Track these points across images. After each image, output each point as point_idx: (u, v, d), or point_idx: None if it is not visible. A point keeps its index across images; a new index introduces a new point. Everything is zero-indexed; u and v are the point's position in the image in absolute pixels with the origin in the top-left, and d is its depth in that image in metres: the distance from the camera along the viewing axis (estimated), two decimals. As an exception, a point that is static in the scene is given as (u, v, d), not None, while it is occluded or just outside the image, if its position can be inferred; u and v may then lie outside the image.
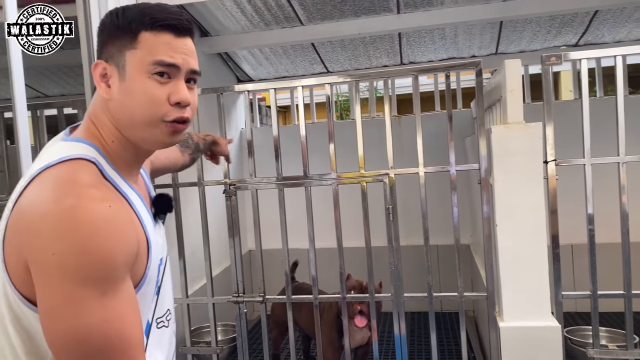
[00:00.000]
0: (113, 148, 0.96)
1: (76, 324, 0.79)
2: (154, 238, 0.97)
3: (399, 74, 2.74)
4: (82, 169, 0.88)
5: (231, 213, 2.42)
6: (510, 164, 2.10)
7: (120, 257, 0.83)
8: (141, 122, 0.93)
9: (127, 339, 0.83)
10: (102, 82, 0.94)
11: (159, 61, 0.91)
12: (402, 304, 2.31)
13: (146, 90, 0.91)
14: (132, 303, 0.86)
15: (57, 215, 0.80)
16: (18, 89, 1.79)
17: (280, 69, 4.11)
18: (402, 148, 3.47)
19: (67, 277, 0.79)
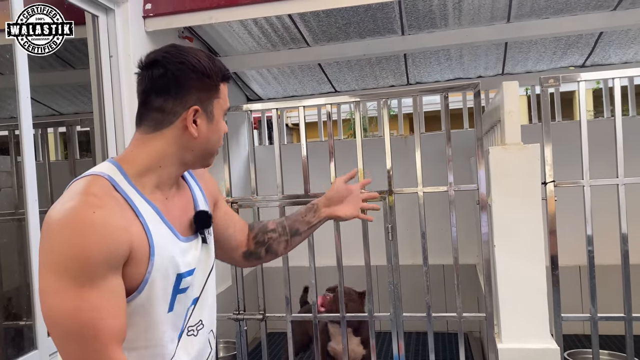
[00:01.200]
0: (154, 170, 1.11)
1: (55, 309, 0.96)
2: (164, 247, 1.07)
3: (399, 94, 2.78)
4: (94, 182, 1.03)
5: (233, 230, 2.45)
6: (508, 185, 2.10)
7: (97, 255, 0.96)
8: (212, 152, 1.18)
9: (100, 328, 0.95)
10: (192, 124, 1.12)
11: (229, 107, 1.21)
12: (402, 323, 2.31)
13: (222, 130, 1.18)
14: (112, 298, 0.98)
15: (57, 216, 0.98)
16: (24, 107, 1.85)
17: (289, 88, 4.18)
18: (409, 167, 3.48)
19: (52, 268, 0.96)
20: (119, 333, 0.98)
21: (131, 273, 1.02)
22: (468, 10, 2.94)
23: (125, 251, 1.00)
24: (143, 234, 1.04)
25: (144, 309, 1.05)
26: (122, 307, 1.00)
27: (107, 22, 2.48)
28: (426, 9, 2.92)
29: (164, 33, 2.78)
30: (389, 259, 2.29)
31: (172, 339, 1.13)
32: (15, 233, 2.34)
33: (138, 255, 1.02)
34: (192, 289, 1.17)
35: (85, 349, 0.95)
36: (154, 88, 1.11)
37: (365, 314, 2.37)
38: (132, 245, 1.01)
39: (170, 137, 1.11)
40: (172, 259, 1.10)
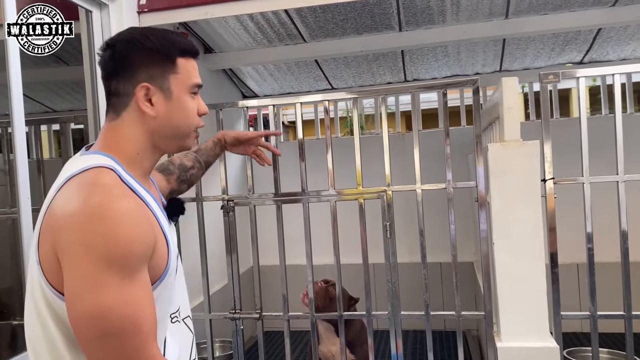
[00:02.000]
0: (133, 158, 1.08)
1: (97, 304, 0.89)
2: (171, 236, 1.09)
3: (397, 91, 2.76)
4: (102, 174, 1.00)
5: (229, 229, 2.43)
6: (507, 182, 2.08)
7: (138, 247, 0.94)
8: (182, 133, 1.13)
9: (140, 324, 0.92)
10: (146, 102, 1.07)
11: (196, 84, 1.13)
12: (400, 322, 2.28)
13: (189, 107, 1.12)
14: (147, 292, 0.96)
15: (85, 211, 0.92)
16: (16, 104, 1.82)
17: (285, 85, 4.15)
18: (407, 164, 3.45)
19: (92, 262, 0.90)
20: (155, 327, 0.97)
21: (154, 264, 1.00)
22: (466, 6, 2.92)
23: (153, 242, 0.99)
24: (157, 224, 1.03)
25: (161, 298, 1.04)
26: (153, 300, 0.98)
27: (102, 17, 2.45)
28: (424, 4, 2.90)
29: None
30: (387, 256, 2.27)
31: (164, 326, 1.12)
32: (8, 232, 2.31)
33: (160, 246, 1.02)
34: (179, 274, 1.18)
35: (124, 347, 0.91)
36: (106, 71, 1.10)
37: (362, 313, 2.35)
38: (156, 236, 1.01)
39: (130, 121, 1.08)
40: (174, 245, 1.10)
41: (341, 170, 2.40)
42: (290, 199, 2.38)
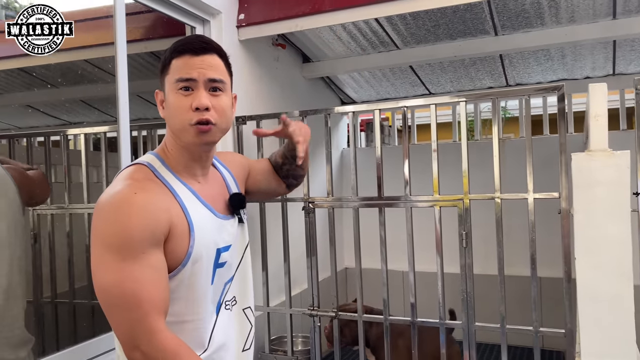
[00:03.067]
0: (173, 154, 1.23)
1: (102, 280, 1.07)
2: (203, 225, 1.19)
3: (477, 97, 2.66)
4: (136, 170, 1.19)
5: (309, 229, 2.55)
6: (593, 195, 1.96)
7: (138, 232, 1.07)
8: (178, 129, 1.19)
9: (140, 299, 1.05)
10: (160, 106, 1.25)
11: (178, 78, 1.16)
12: (474, 333, 2.24)
13: (174, 103, 1.17)
14: (152, 272, 1.08)
15: (103, 201, 1.12)
16: (122, 110, 2.09)
17: (382, 91, 4.20)
18: (506, 172, 3.33)
19: (99, 244, 1.09)
20: (160, 304, 1.09)
21: (174, 249, 1.13)
22: (566, 7, 2.76)
23: (165, 228, 1.11)
24: (181, 213, 1.16)
25: (189, 282, 1.16)
26: (163, 281, 1.11)
27: (204, 32, 2.70)
28: (518, 8, 2.79)
29: (257, 41, 2.95)
30: (463, 266, 2.24)
31: (212, 313, 1.24)
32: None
33: (178, 232, 1.14)
34: (229, 265, 1.28)
35: (128, 317, 1.06)
36: None
37: (435, 320, 2.33)
38: (171, 223, 1.13)
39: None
40: (211, 235, 1.21)
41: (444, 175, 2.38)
42: (368, 203, 2.44)
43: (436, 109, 2.30)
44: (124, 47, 2.10)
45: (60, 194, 2.41)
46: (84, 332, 2.28)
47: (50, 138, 2.57)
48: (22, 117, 2.91)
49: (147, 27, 2.75)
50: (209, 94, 1.18)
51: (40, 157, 2.50)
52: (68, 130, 2.81)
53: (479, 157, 3.08)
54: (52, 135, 2.62)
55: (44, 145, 2.52)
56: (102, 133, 2.60)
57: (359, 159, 2.59)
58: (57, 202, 2.41)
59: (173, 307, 1.15)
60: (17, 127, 2.88)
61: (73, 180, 2.51)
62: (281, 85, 3.24)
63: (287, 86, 3.33)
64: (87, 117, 3.07)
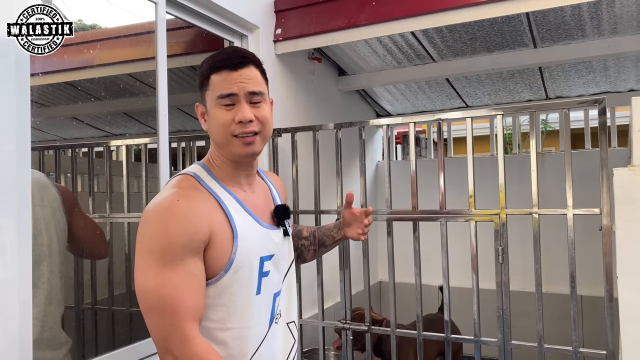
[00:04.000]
0: (218, 164, 1.28)
1: (143, 284, 1.11)
2: (246, 233, 1.21)
3: (513, 111, 2.61)
4: (182, 179, 1.22)
5: (343, 242, 2.54)
6: (636, 211, 1.89)
7: (177, 239, 1.10)
8: (221, 141, 1.24)
9: (177, 305, 1.09)
10: (202, 119, 1.28)
11: (219, 95, 1.21)
12: (510, 351, 2.18)
13: (218, 118, 1.22)
14: (190, 279, 1.12)
15: (149, 208, 1.15)
16: (162, 122, 2.16)
17: (417, 104, 4.18)
18: (546, 187, 3.25)
19: (141, 249, 1.12)
20: (195, 311, 1.11)
21: (216, 255, 1.16)
22: (608, 19, 2.69)
23: (205, 236, 1.14)
24: (225, 220, 1.19)
25: (231, 289, 1.19)
26: (200, 288, 1.14)
27: (242, 46, 2.76)
28: (558, 20, 2.74)
29: (293, 55, 3.00)
30: (498, 282, 2.19)
31: (262, 323, 1.26)
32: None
33: (220, 239, 1.16)
34: (274, 275, 1.29)
35: (164, 322, 1.09)
36: None
37: (470, 337, 2.28)
38: (212, 230, 1.16)
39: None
40: (255, 243, 1.23)
41: (481, 189, 2.35)
42: (400, 216, 2.43)
43: (472, 122, 2.27)
44: (164, 61, 2.16)
45: (102, 203, 2.49)
46: (121, 338, 2.34)
47: (93, 149, 2.67)
48: (67, 128, 3.03)
49: (187, 42, 2.83)
50: (250, 106, 1.22)
51: (84, 168, 2.60)
52: (110, 142, 2.91)
53: (517, 171, 3.03)
54: (95, 147, 2.72)
55: (87, 156, 2.62)
56: (143, 144, 2.68)
57: (394, 172, 2.58)
58: (98, 210, 2.50)
59: (216, 314, 1.18)
60: (62, 138, 2.99)
61: (114, 190, 2.60)
62: (316, 98, 3.27)
63: (322, 99, 3.36)
64: (129, 129, 3.17)
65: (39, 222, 1.70)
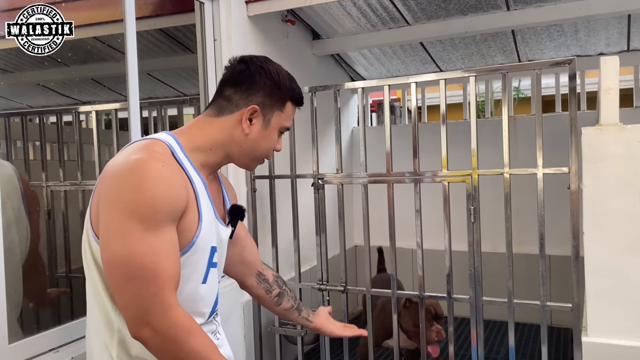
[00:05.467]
0: (202, 149, 1.23)
1: (121, 250, 1.03)
2: (207, 218, 1.18)
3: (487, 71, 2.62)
4: (155, 143, 1.15)
5: (319, 206, 2.56)
6: (603, 169, 1.95)
7: (162, 204, 1.05)
8: (257, 156, 1.30)
9: (158, 272, 1.04)
10: (247, 120, 1.24)
11: (288, 127, 1.32)
12: (481, 307, 2.26)
13: (274, 141, 1.31)
14: (170, 247, 1.07)
15: (124, 166, 1.07)
16: (132, 89, 2.10)
17: (392, 69, 4.17)
18: (518, 151, 3.30)
19: (120, 211, 1.04)
20: (175, 280, 1.07)
21: (182, 232, 1.11)
22: (580, -20, 2.71)
23: (183, 207, 1.11)
24: (194, 199, 1.15)
25: (183, 271, 1.13)
26: (178, 257, 1.09)
27: (212, 8, 2.69)
28: (531, -19, 2.75)
29: (265, 17, 2.94)
30: (470, 241, 2.24)
31: (202, 314, 1.23)
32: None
33: (190, 217, 1.13)
34: (218, 270, 1.28)
35: (143, 290, 1.03)
36: (231, 79, 1.25)
37: (443, 295, 2.35)
38: (187, 205, 1.12)
39: (225, 125, 1.23)
40: (212, 231, 1.20)
41: (454, 153, 2.37)
42: (376, 179, 2.45)
43: (446, 84, 2.28)
44: (133, 24, 2.10)
45: (73, 171, 2.45)
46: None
47: (62, 116, 2.60)
48: (34, 95, 2.93)
49: (155, 4, 2.75)
50: None
51: (53, 135, 2.54)
52: (80, 107, 2.84)
53: (490, 136, 3.07)
54: (64, 113, 2.65)
55: (56, 124, 2.55)
56: (114, 111, 2.62)
57: (369, 138, 2.59)
58: (69, 179, 2.46)
59: None
60: (29, 106, 2.90)
61: (85, 159, 2.55)
62: (291, 62, 3.23)
63: (297, 64, 3.32)
64: (99, 96, 3.09)
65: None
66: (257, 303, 2.71)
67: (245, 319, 2.65)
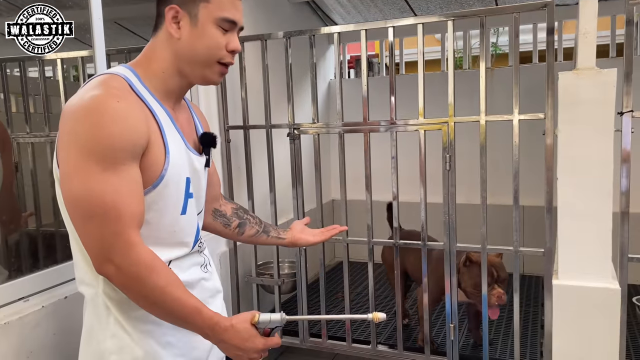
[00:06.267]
0: (158, 75, 1.17)
1: (80, 188, 1.02)
2: (176, 150, 1.16)
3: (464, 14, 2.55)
4: (112, 79, 1.10)
5: (295, 157, 2.53)
6: (577, 114, 1.94)
7: (121, 141, 1.03)
8: (202, 61, 1.16)
9: (120, 211, 1.03)
10: (174, 24, 1.15)
11: (227, 18, 1.16)
12: (454, 254, 2.29)
13: (213, 37, 1.15)
14: (133, 184, 1.06)
15: (80, 104, 1.05)
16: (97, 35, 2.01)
17: (370, 17, 4.06)
18: (494, 101, 3.28)
19: (78, 150, 1.02)
20: (138, 217, 1.06)
21: (148, 167, 1.09)
22: None
23: (144, 142, 1.07)
24: (159, 132, 1.11)
25: (157, 206, 1.13)
26: (141, 194, 1.08)
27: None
28: None
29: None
30: (446, 187, 2.25)
31: (186, 244, 1.22)
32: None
33: (154, 151, 1.10)
34: (196, 199, 1.25)
35: (106, 230, 1.02)
36: None
37: (418, 242, 2.37)
38: (149, 139, 1.09)
39: (161, 40, 1.17)
40: (183, 162, 1.17)
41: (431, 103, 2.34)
42: (352, 128, 2.42)
43: (424, 29, 2.23)
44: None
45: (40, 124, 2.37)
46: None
47: (26, 66, 2.48)
48: (-4, 44, 2.79)
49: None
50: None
51: (17, 87, 2.43)
52: (45, 56, 2.71)
53: (467, 88, 3.01)
54: (27, 62, 2.53)
55: (20, 74, 2.44)
56: (80, 59, 2.51)
57: (347, 90, 2.54)
58: (35, 130, 2.37)
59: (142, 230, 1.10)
60: (-8, 54, 2.76)
61: (53, 112, 2.45)
62: (264, 8, 3.11)
63: (270, 10, 3.21)
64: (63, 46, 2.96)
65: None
66: (233, 253, 2.71)
67: (222, 270, 2.65)
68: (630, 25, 1.93)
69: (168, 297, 1.06)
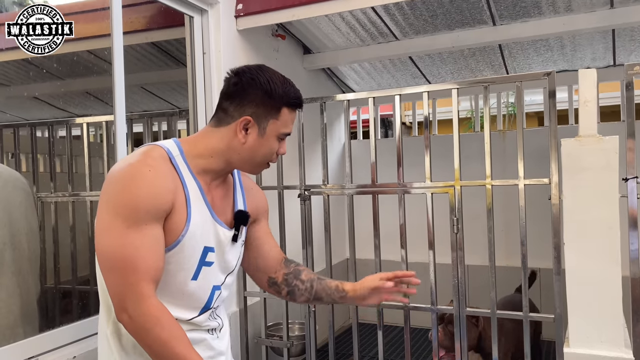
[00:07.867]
0: (204, 156, 1.31)
1: (107, 243, 1.17)
2: (199, 221, 1.26)
3: (470, 84, 2.66)
4: (153, 149, 1.26)
5: (305, 218, 2.58)
6: (582, 180, 1.97)
7: (144, 204, 1.16)
8: (257, 163, 1.35)
9: (137, 264, 1.15)
10: (243, 131, 1.30)
11: (286, 133, 1.34)
12: (464, 317, 2.26)
13: (272, 147, 1.33)
14: (152, 242, 1.17)
15: (118, 169, 1.21)
16: (119, 100, 2.14)
17: (383, 83, 4.21)
18: (507, 163, 3.32)
19: (109, 209, 1.18)
20: (153, 272, 1.17)
21: (168, 230, 1.21)
22: (562, -4, 2.76)
23: (168, 208, 1.20)
24: (184, 202, 1.23)
25: (170, 266, 1.23)
26: (161, 251, 1.19)
27: (202, 22, 2.74)
28: (515, -4, 2.80)
29: (255, 31, 2.98)
30: (454, 249, 2.26)
31: (192, 308, 1.30)
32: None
33: (176, 217, 1.21)
34: (216, 268, 1.32)
35: (124, 280, 1.15)
36: (226, 92, 1.33)
37: (428, 306, 2.35)
38: (174, 206, 1.21)
39: (224, 135, 1.30)
40: (203, 231, 1.27)
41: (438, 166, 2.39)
42: (361, 190, 2.47)
43: (429, 97, 2.32)
44: (120, 37, 2.13)
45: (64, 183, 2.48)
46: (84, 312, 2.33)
47: (54, 128, 2.63)
48: (29, 109, 2.96)
49: (146, 18, 2.79)
50: None
51: (44, 148, 2.57)
52: (71, 120, 2.87)
53: (479, 150, 3.07)
54: (55, 125, 2.68)
55: (48, 136, 2.58)
56: (104, 123, 2.65)
57: (360, 152, 2.62)
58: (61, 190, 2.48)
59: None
60: (24, 119, 2.93)
61: (78, 171, 2.57)
62: (281, 75, 3.26)
63: (287, 76, 3.34)
64: (94, 109, 3.12)
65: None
66: (244, 314, 2.72)
67: (232, 330, 2.65)
68: (630, 90, 1.98)
69: (169, 351, 1.15)
